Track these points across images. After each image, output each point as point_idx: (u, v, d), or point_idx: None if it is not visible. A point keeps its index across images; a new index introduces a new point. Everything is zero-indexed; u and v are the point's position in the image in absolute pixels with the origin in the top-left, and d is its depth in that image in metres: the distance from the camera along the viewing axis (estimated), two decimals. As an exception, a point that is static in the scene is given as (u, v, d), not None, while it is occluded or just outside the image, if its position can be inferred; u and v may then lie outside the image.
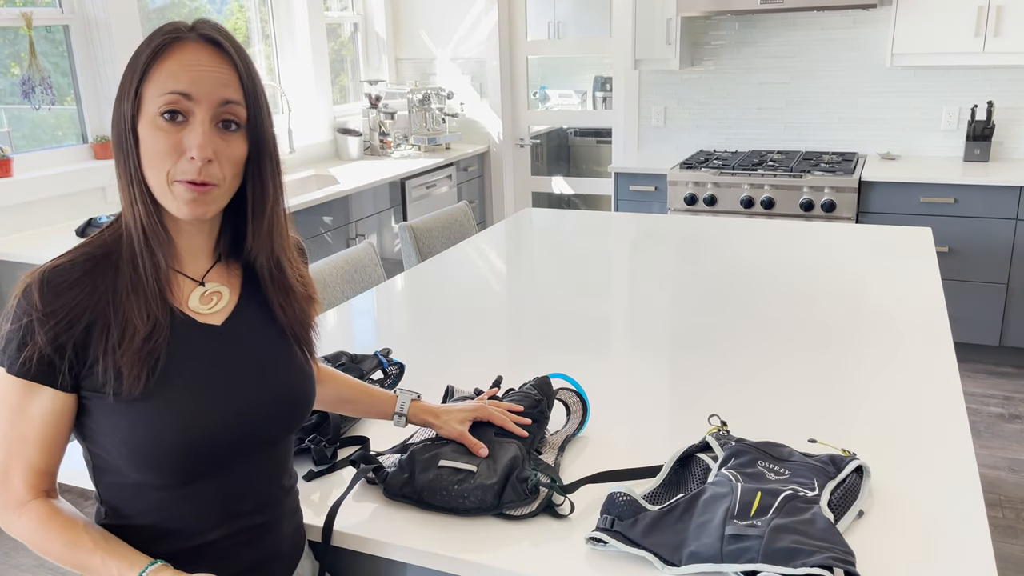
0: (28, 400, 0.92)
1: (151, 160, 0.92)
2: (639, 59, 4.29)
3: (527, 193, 5.22)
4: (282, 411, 1.04)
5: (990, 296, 3.70)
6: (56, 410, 0.93)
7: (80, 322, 0.91)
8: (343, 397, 1.31)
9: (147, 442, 0.93)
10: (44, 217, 3.08)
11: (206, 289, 1.02)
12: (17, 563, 2.56)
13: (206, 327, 1.00)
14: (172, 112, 0.91)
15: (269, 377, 1.03)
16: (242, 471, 1.02)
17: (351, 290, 2.35)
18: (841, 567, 0.97)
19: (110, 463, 0.97)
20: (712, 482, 1.15)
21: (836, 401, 1.52)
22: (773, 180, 3.85)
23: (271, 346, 1.06)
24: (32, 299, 0.90)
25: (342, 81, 4.93)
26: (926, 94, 4.10)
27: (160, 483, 0.96)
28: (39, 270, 0.93)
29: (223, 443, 0.98)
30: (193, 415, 0.95)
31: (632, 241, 2.72)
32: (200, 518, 1.00)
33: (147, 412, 0.93)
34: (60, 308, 0.90)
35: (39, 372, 0.91)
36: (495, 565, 1.08)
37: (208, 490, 0.99)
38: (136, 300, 0.94)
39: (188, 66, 0.92)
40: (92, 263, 0.94)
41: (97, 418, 0.95)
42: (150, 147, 0.92)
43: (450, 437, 1.27)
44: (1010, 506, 2.70)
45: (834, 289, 2.14)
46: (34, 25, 3.06)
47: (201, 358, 0.98)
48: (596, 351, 1.80)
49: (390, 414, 1.31)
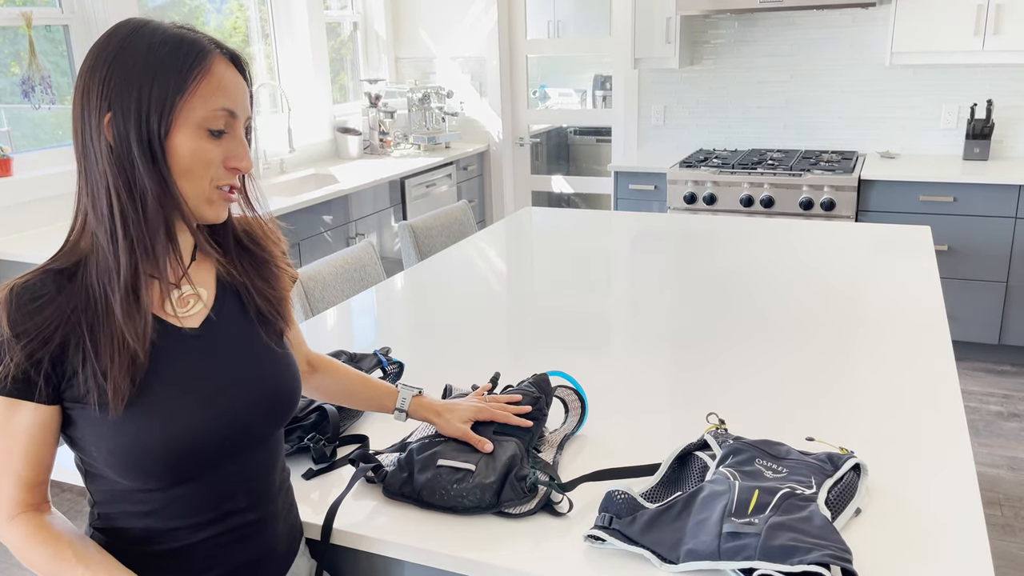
0: (10, 415, 0.92)
1: (194, 170, 0.94)
2: (639, 58, 4.30)
3: (527, 192, 5.22)
4: (270, 406, 1.04)
5: (989, 294, 3.71)
6: (39, 422, 0.93)
7: (54, 339, 0.91)
8: (344, 389, 1.30)
9: (133, 451, 0.93)
10: (44, 217, 3.08)
11: (183, 292, 1.01)
12: (16, 561, 2.56)
13: (184, 332, 1.00)
14: (219, 127, 0.95)
15: (253, 373, 1.03)
16: (233, 469, 1.02)
17: (351, 289, 2.35)
18: (838, 564, 0.97)
19: (98, 469, 0.97)
20: (710, 480, 1.16)
21: (834, 399, 1.52)
22: (773, 179, 3.85)
23: (252, 341, 1.05)
24: (2, 319, 0.90)
25: (342, 80, 4.93)
26: (925, 93, 4.10)
27: (150, 487, 0.97)
28: (6, 289, 0.92)
29: (210, 445, 0.98)
30: (177, 422, 0.95)
31: (632, 240, 2.72)
32: (192, 518, 1.00)
33: (131, 421, 0.93)
34: (32, 328, 0.90)
35: (17, 388, 0.91)
36: (494, 563, 1.08)
37: (199, 490, 0.99)
38: (108, 317, 0.92)
39: (231, 85, 0.96)
40: (61, 281, 0.93)
41: (82, 428, 0.95)
42: (194, 158, 0.93)
43: (452, 436, 1.27)
44: (1009, 504, 2.70)
45: (833, 288, 2.15)
46: (34, 25, 3.06)
47: (181, 364, 0.98)
48: (595, 350, 1.80)
49: (391, 408, 1.31)
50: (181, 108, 0.92)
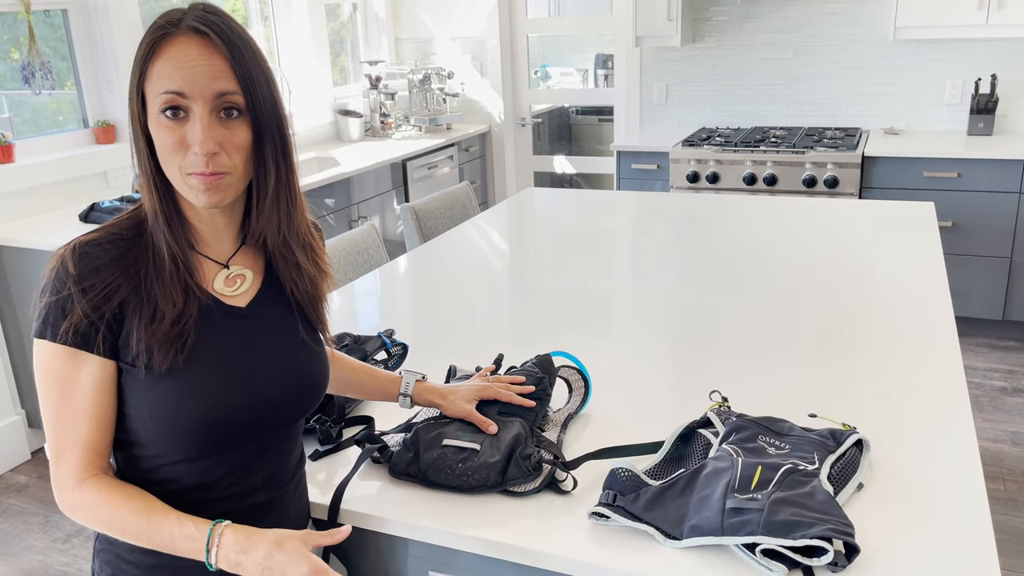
0: (76, 369, 0.95)
1: (163, 155, 0.96)
2: (640, 36, 4.27)
3: (529, 173, 5.21)
4: (300, 394, 1.07)
5: (993, 270, 3.70)
6: (104, 376, 0.96)
7: (115, 297, 0.95)
8: (348, 379, 1.32)
9: (171, 416, 0.96)
10: (47, 203, 3.09)
11: (230, 272, 1.05)
12: (28, 545, 2.59)
13: (231, 309, 1.03)
14: (173, 109, 0.93)
15: (289, 360, 1.06)
16: (255, 449, 1.05)
17: (354, 272, 2.36)
18: (840, 539, 0.98)
19: (131, 436, 1.00)
20: (713, 457, 1.17)
21: (837, 375, 1.52)
22: (776, 156, 3.84)
23: (292, 329, 1.08)
24: (70, 271, 0.93)
25: (342, 62, 4.91)
26: (929, 68, 4.07)
27: (178, 456, 0.99)
28: (73, 243, 0.95)
29: (243, 422, 1.01)
30: (217, 393, 0.98)
31: (634, 220, 2.72)
32: (211, 492, 1.02)
33: (174, 387, 0.96)
34: (98, 283, 0.94)
35: (83, 339, 0.94)
36: (499, 540, 1.09)
37: (221, 465, 1.02)
38: (162, 286, 0.97)
39: (179, 63, 0.92)
40: (124, 243, 0.97)
41: (126, 390, 0.98)
42: (159, 144, 0.95)
43: (457, 416, 1.28)
44: (1012, 479, 2.71)
45: (836, 265, 2.15)
46: (33, 10, 3.05)
47: (226, 339, 1.01)
48: (598, 329, 1.81)
49: (395, 395, 1.32)
50: (145, 92, 0.95)
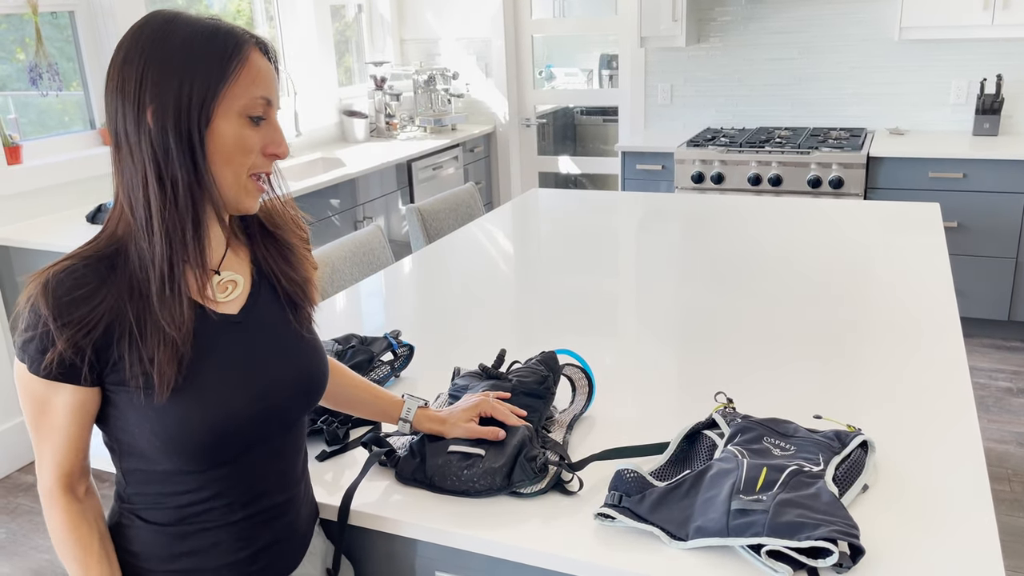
0: (52, 395, 0.94)
1: (234, 157, 0.96)
2: (645, 36, 4.27)
3: (534, 173, 5.21)
4: (303, 390, 1.08)
5: (999, 271, 3.69)
6: (80, 402, 0.95)
7: (98, 328, 0.92)
8: (349, 396, 1.30)
9: (176, 434, 0.95)
10: (54, 204, 3.10)
11: (221, 277, 1.04)
12: (36, 544, 2.61)
13: (225, 318, 1.02)
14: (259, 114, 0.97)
15: (288, 359, 1.06)
16: (265, 453, 1.05)
17: (359, 273, 2.36)
18: (845, 540, 0.99)
19: (137, 450, 0.99)
20: (718, 458, 1.17)
21: (842, 377, 1.53)
22: (780, 157, 3.83)
23: (287, 328, 1.08)
24: (41, 312, 0.90)
25: (347, 63, 4.92)
26: (934, 68, 4.06)
27: (189, 468, 0.99)
28: (45, 276, 0.91)
29: (249, 428, 1.01)
30: (220, 406, 0.98)
31: (639, 220, 2.72)
32: (225, 499, 1.02)
33: (176, 405, 0.95)
34: (77, 318, 0.91)
35: (60, 373, 0.93)
36: (506, 541, 1.10)
37: (233, 473, 1.02)
38: (154, 307, 0.94)
39: (266, 73, 0.98)
40: (102, 268, 0.93)
41: (124, 410, 0.96)
42: (234, 145, 0.95)
43: (462, 436, 1.26)
44: (1018, 480, 2.71)
45: (841, 266, 2.15)
46: (40, 11, 3.06)
47: (223, 349, 1.00)
48: (603, 330, 1.81)
49: (395, 418, 1.30)
50: (223, 98, 0.94)
